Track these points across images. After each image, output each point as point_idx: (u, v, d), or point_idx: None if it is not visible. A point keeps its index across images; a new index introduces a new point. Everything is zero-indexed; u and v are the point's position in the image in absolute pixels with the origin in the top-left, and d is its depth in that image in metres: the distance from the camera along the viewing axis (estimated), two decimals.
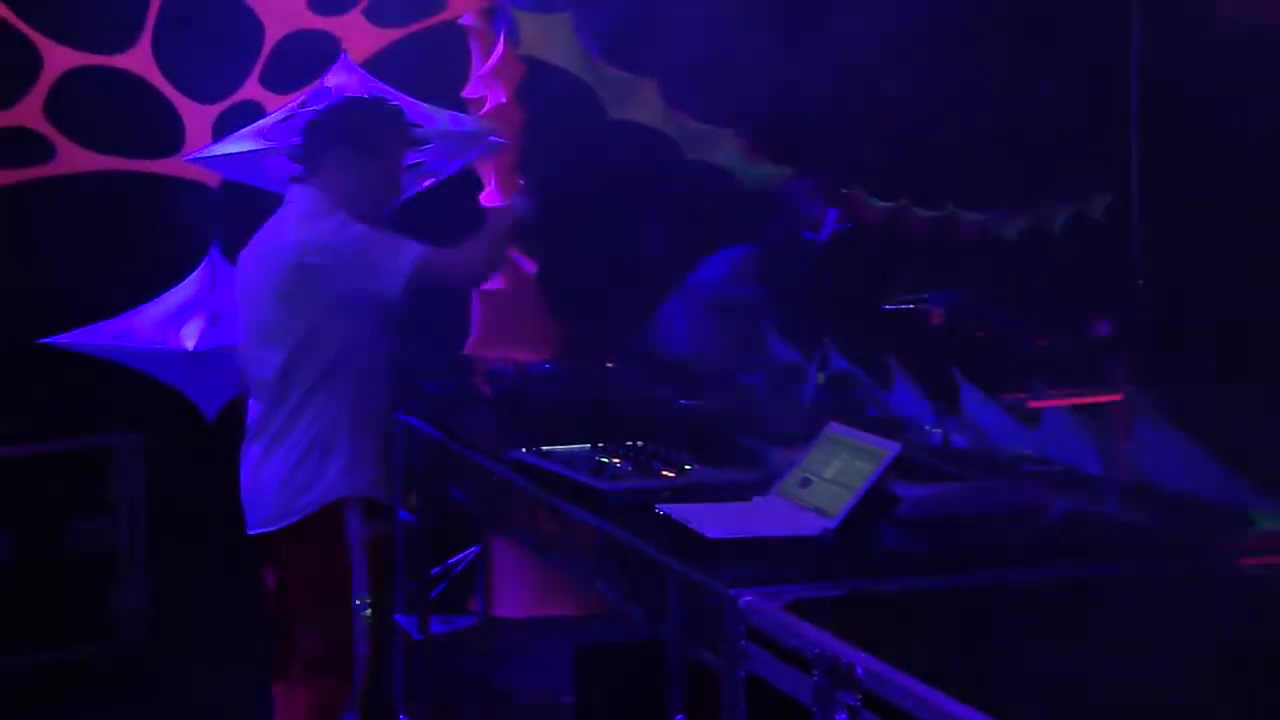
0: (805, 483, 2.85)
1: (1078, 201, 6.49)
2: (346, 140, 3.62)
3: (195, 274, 4.99)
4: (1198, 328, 2.86)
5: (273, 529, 3.51)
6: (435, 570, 4.58)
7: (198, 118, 5.24)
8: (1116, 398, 2.94)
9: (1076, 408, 3.17)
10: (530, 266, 6.16)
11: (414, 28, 5.67)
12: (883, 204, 6.96)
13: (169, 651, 5.37)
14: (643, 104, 6.28)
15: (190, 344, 4.83)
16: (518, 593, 5.64)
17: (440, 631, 4.50)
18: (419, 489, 4.23)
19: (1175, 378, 2.92)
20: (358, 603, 3.44)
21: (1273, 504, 2.79)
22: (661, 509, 2.82)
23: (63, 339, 4.84)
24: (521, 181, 6.10)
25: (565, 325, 6.04)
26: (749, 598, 2.45)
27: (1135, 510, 2.82)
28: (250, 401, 3.65)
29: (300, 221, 3.53)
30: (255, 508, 3.57)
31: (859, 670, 2.15)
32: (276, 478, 3.51)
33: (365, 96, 4.35)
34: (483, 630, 4.40)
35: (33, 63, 5.10)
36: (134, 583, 5.34)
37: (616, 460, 3.27)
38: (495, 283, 6.11)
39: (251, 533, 3.59)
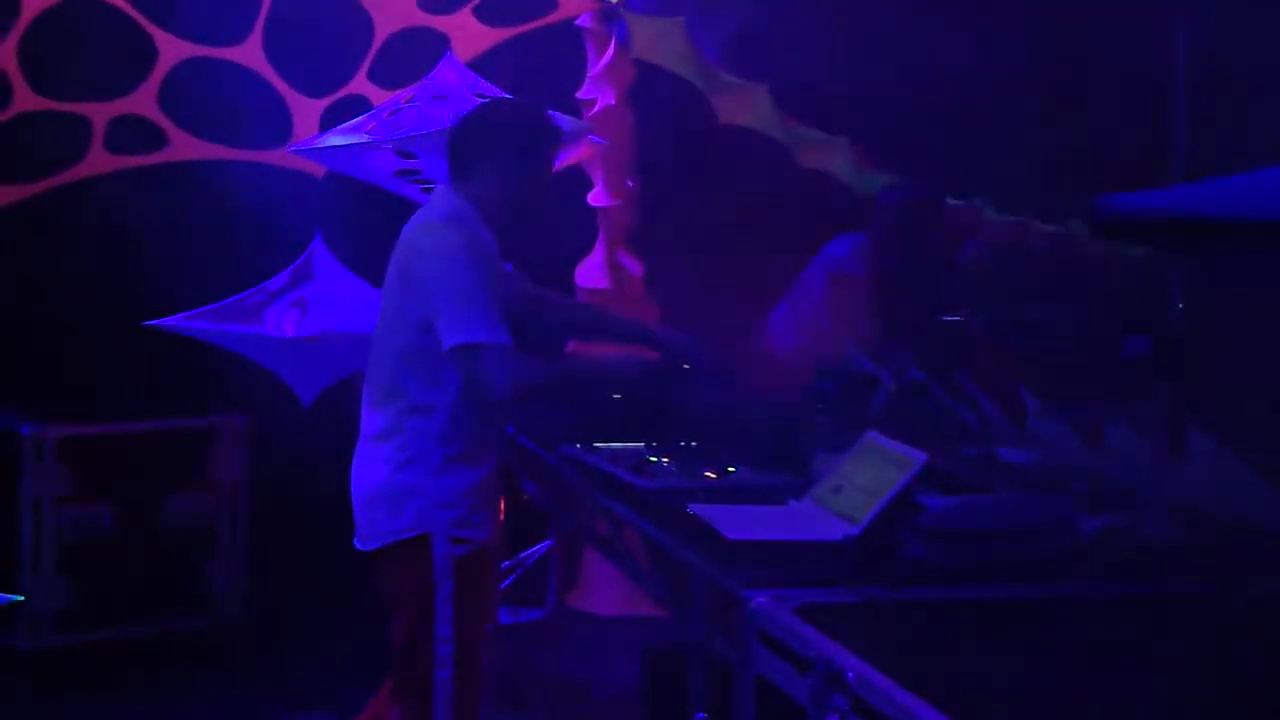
0: (838, 489, 2.83)
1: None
2: (501, 146, 3.40)
3: (297, 262, 5.11)
4: (1254, 349, 2.77)
5: (366, 549, 3.38)
6: (505, 564, 4.62)
7: (306, 110, 5.38)
8: (1171, 416, 2.85)
9: (1137, 425, 3.09)
10: (637, 268, 6.20)
11: (524, 27, 5.74)
12: (1005, 218, 6.84)
13: (265, 630, 5.50)
14: (754, 110, 6.25)
15: (288, 331, 4.95)
16: (604, 590, 5.67)
17: (508, 623, 4.54)
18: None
19: (1232, 398, 2.82)
20: (440, 627, 3.27)
21: None
22: (692, 508, 2.82)
23: (169, 321, 4.97)
24: (631, 184, 6.14)
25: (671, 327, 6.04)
26: (761, 600, 2.44)
27: (1179, 531, 2.74)
28: (364, 391, 3.49)
29: (441, 218, 3.37)
30: (355, 518, 3.42)
31: (850, 675, 2.14)
32: (369, 489, 3.36)
33: (519, 100, 4.29)
34: (555, 624, 4.43)
35: (147, 53, 5.28)
36: (232, 561, 5.48)
37: (665, 459, 3.27)
38: (601, 282, 6.15)
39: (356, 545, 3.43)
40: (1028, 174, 6.49)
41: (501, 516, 4.39)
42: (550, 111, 4.11)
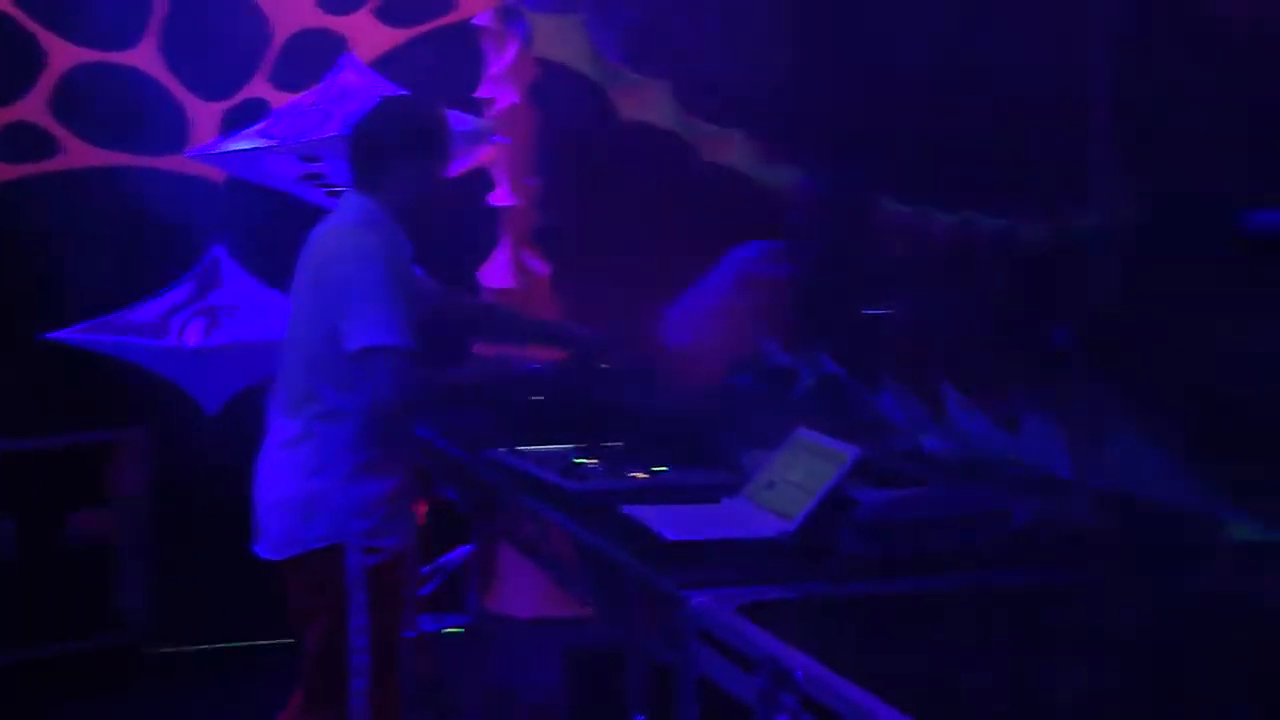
0: (770, 486, 2.83)
1: (1071, 207, 6.42)
2: (403, 147, 3.37)
3: (198, 270, 5.01)
4: (1173, 336, 2.82)
5: (274, 558, 3.33)
6: (425, 569, 4.58)
7: (204, 115, 5.28)
8: (1092, 404, 2.90)
9: (1056, 414, 3.13)
10: (543, 267, 6.17)
11: (424, 28, 5.69)
12: (902, 208, 6.92)
13: (172, 645, 5.39)
14: (656, 106, 6.26)
15: (193, 341, 4.85)
16: (522, 593, 5.64)
17: (430, 630, 4.50)
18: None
19: (1152, 385, 2.87)
20: (354, 637, 3.24)
21: (1242, 512, 2.75)
22: (625, 510, 2.81)
23: (67, 334, 4.86)
24: (532, 183, 6.12)
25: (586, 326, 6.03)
26: (702, 599, 2.44)
27: (1105, 517, 2.78)
28: (272, 397, 3.46)
29: (354, 223, 3.33)
30: (260, 522, 3.37)
31: (798, 673, 2.14)
32: (279, 496, 3.32)
33: (413, 98, 4.25)
34: (477, 629, 4.39)
35: (37, 59, 5.14)
36: (137, 577, 5.36)
37: (592, 461, 3.26)
38: (506, 282, 6.12)
39: (256, 551, 3.39)
40: (927, 165, 6.58)
41: (421, 521, 4.35)
42: (451, 110, 4.09)
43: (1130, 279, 2.90)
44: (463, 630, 4.75)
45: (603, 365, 4.19)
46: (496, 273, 6.12)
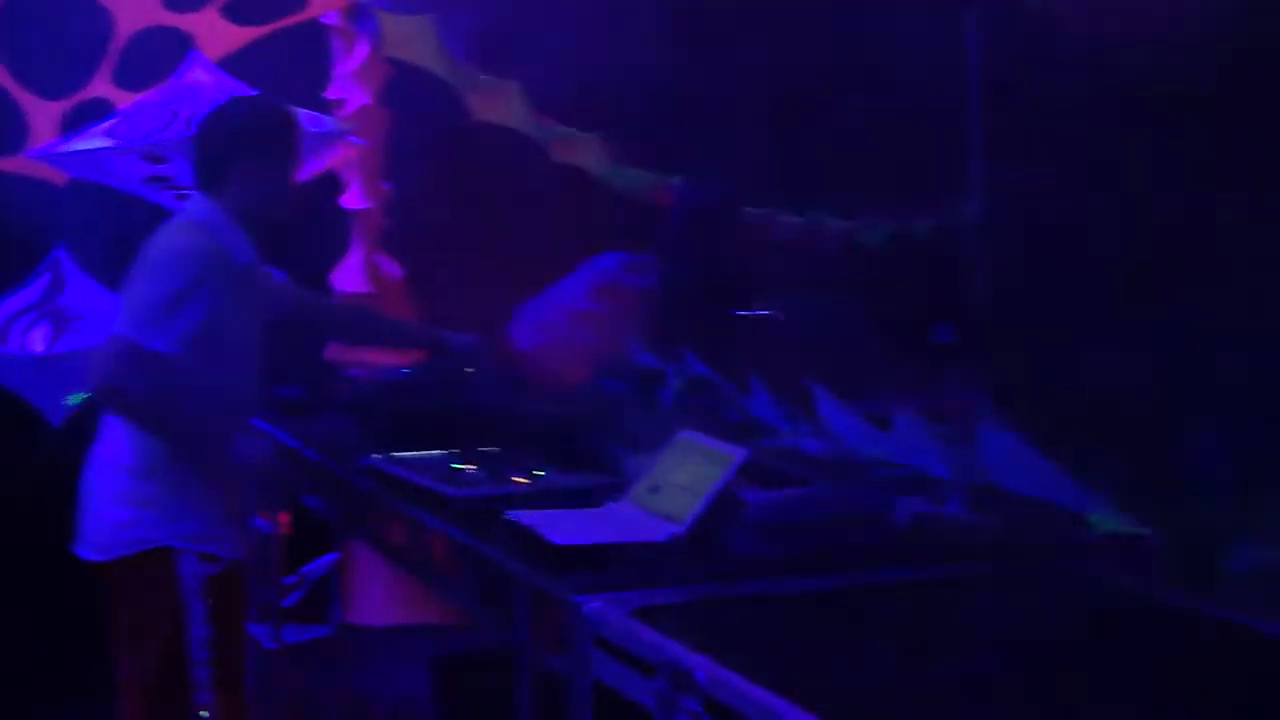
0: (656, 489, 2.84)
1: (940, 210, 6.60)
2: (248, 148, 3.32)
3: (39, 275, 4.83)
4: (1040, 336, 2.92)
5: (96, 559, 3.24)
6: (289, 579, 4.49)
7: (44, 114, 5.09)
8: (964, 403, 2.97)
9: (927, 413, 3.21)
10: (396, 270, 6.10)
11: (273, 26, 5.57)
12: (752, 210, 7.00)
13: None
14: (507, 106, 6.24)
15: (38, 348, 4.68)
16: (379, 601, 5.57)
17: (294, 641, 4.41)
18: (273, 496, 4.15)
19: (1020, 383, 2.96)
20: (195, 650, 3.19)
21: (1109, 507, 2.85)
22: (510, 515, 2.79)
23: None
24: (386, 185, 6.04)
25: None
26: (595, 604, 2.44)
27: (979, 513, 2.86)
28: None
29: (180, 227, 3.28)
30: (82, 522, 3.29)
31: (700, 675, 2.15)
32: (104, 497, 3.24)
33: (259, 98, 4.16)
34: (339, 639, 4.32)
35: None
36: None
37: (470, 466, 3.23)
38: (360, 286, 6.03)
39: (78, 553, 3.30)
40: (776, 167, 6.69)
41: (286, 531, 4.27)
42: (302, 111, 4.02)
43: (1001, 279, 2.98)
44: (324, 640, 4.67)
45: (468, 370, 4.16)
46: (349, 276, 6.02)
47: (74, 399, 3.94)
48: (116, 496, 3.22)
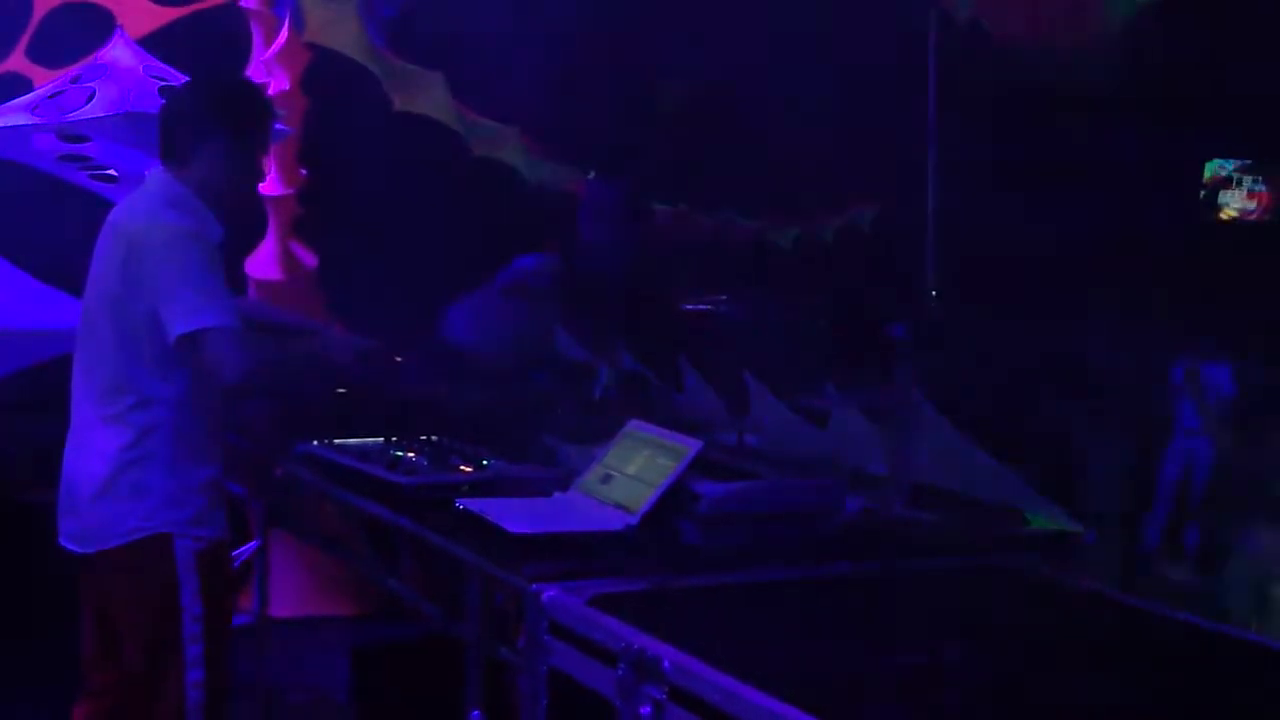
0: (607, 479, 2.86)
1: (847, 213, 6.72)
2: (220, 128, 3.23)
3: None
4: (981, 335, 2.99)
5: (89, 551, 3.18)
6: None
7: None
8: (903, 400, 3.03)
9: (863, 410, 3.27)
10: (310, 259, 6.04)
11: (194, 8, 5.49)
12: (664, 207, 7.06)
13: None
14: (429, 97, 6.22)
15: None
16: (292, 592, 5.51)
17: None
18: None
19: (958, 382, 3.04)
20: (189, 626, 3.14)
21: (1044, 504, 2.94)
22: (461, 504, 2.79)
23: None
24: (304, 172, 5.98)
25: (343, 319, 5.92)
26: (552, 592, 2.45)
27: (920, 509, 2.92)
28: (75, 388, 3.28)
29: (164, 205, 3.18)
30: (69, 515, 3.23)
31: (665, 663, 2.17)
32: (94, 488, 3.16)
33: (235, 78, 4.08)
34: (257, 628, 4.27)
35: None
36: None
37: (412, 454, 3.23)
38: (273, 273, 5.96)
39: (64, 544, 3.24)
40: (687, 166, 6.75)
41: None
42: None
43: (944, 279, 3.06)
44: (241, 629, 4.61)
45: (397, 359, 4.14)
46: (263, 263, 5.95)
47: None
48: (108, 488, 3.14)
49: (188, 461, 3.15)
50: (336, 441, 3.33)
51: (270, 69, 5.77)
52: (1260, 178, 5.17)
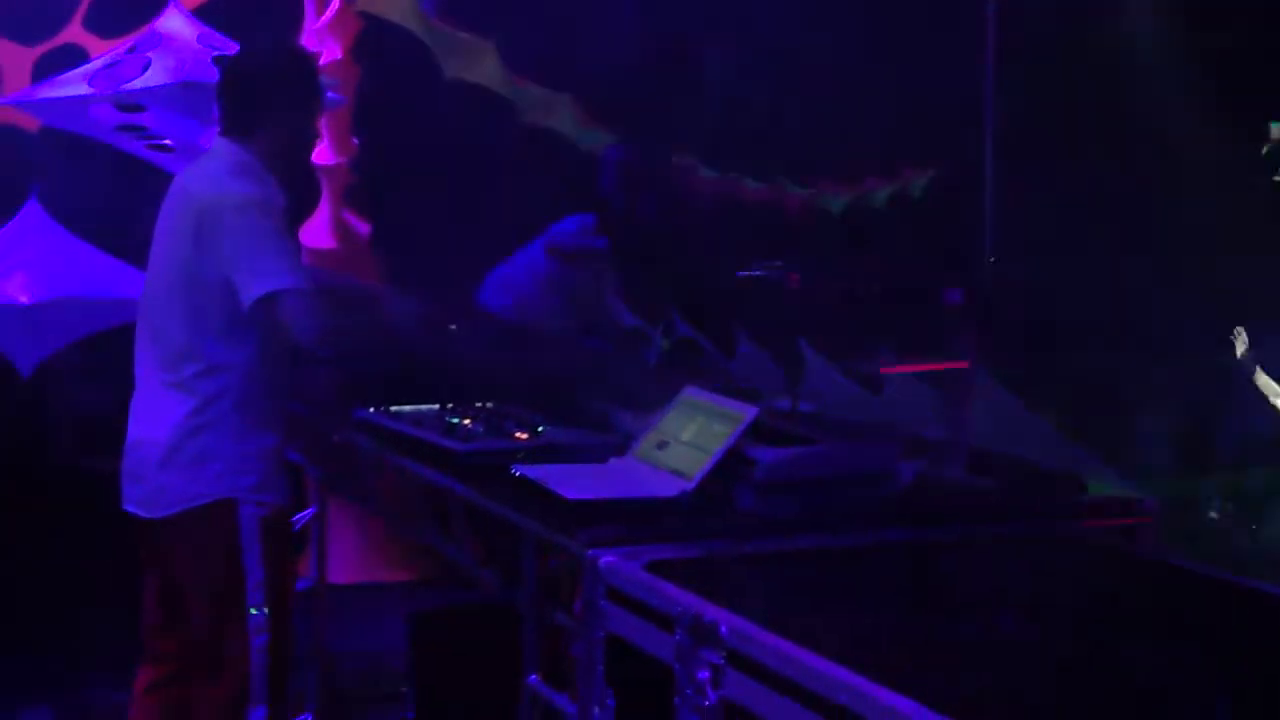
0: (662, 445, 2.85)
1: (899, 179, 6.67)
2: (282, 96, 3.27)
3: (12, 224, 4.76)
4: (1039, 304, 2.96)
5: (154, 516, 3.21)
6: None
7: (16, 60, 5.01)
8: (962, 365, 3.01)
9: (919, 375, 3.25)
10: (363, 227, 6.07)
11: None
12: (714, 174, 7.04)
13: None
14: (480, 66, 6.23)
15: (22, 297, 4.60)
16: (349, 558, 5.56)
17: None
18: None
19: (1017, 349, 3.01)
20: (252, 593, 3.18)
21: (1104, 470, 2.91)
22: (517, 470, 2.80)
23: None
24: (356, 141, 5.99)
25: (396, 288, 5.95)
26: (609, 558, 2.45)
27: (977, 475, 2.90)
28: (140, 355, 3.31)
29: (231, 174, 3.21)
30: (134, 481, 3.25)
31: (723, 629, 2.17)
32: (161, 454, 3.18)
33: (290, 46, 4.11)
34: (314, 595, 4.31)
35: None
36: None
37: (467, 421, 3.23)
38: (327, 242, 5.99)
39: (128, 509, 3.26)
40: (740, 134, 6.72)
41: None
42: None
43: (1001, 247, 3.03)
44: (299, 595, 4.65)
45: (451, 326, 4.15)
46: (317, 232, 5.98)
47: None
48: (173, 454, 3.17)
49: (253, 428, 3.18)
50: (393, 409, 3.34)
51: (322, 38, 5.78)
52: None
